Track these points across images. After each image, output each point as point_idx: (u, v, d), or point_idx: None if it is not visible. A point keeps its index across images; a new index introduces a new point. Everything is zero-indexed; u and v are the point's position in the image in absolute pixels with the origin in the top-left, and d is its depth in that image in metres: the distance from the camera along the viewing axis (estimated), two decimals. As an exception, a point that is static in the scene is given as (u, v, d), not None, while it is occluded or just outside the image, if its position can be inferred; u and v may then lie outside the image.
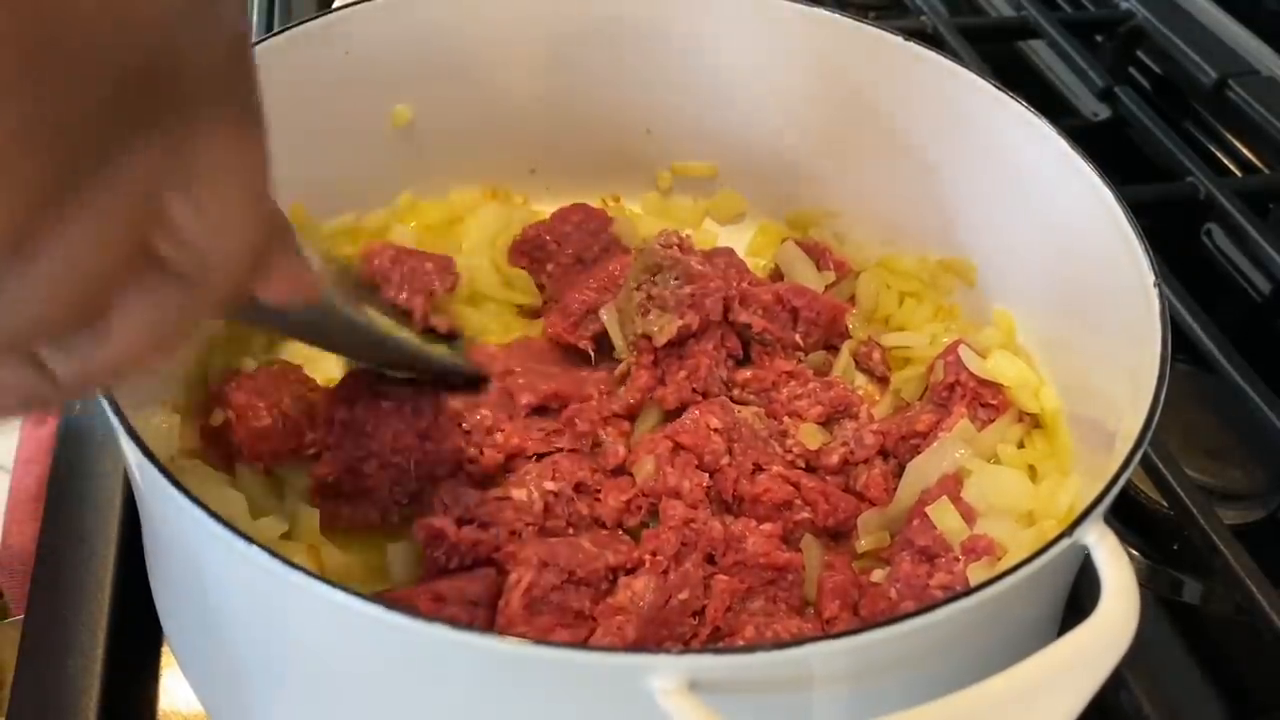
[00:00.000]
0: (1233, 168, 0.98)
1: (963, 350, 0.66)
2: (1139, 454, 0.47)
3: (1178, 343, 0.53)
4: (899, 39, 0.69)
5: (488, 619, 0.54)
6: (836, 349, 0.72)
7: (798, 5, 0.72)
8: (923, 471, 0.62)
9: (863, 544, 0.61)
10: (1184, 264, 0.78)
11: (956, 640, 0.44)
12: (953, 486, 0.60)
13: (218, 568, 0.46)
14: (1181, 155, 0.88)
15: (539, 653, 0.39)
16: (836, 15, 0.71)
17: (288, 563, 0.39)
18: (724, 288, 0.66)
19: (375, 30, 0.70)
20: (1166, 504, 0.65)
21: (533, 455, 0.61)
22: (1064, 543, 0.43)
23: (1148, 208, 0.78)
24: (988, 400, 0.65)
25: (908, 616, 0.40)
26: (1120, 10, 1.08)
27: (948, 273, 0.73)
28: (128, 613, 0.58)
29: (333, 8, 0.70)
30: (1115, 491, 0.45)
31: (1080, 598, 0.52)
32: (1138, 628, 0.40)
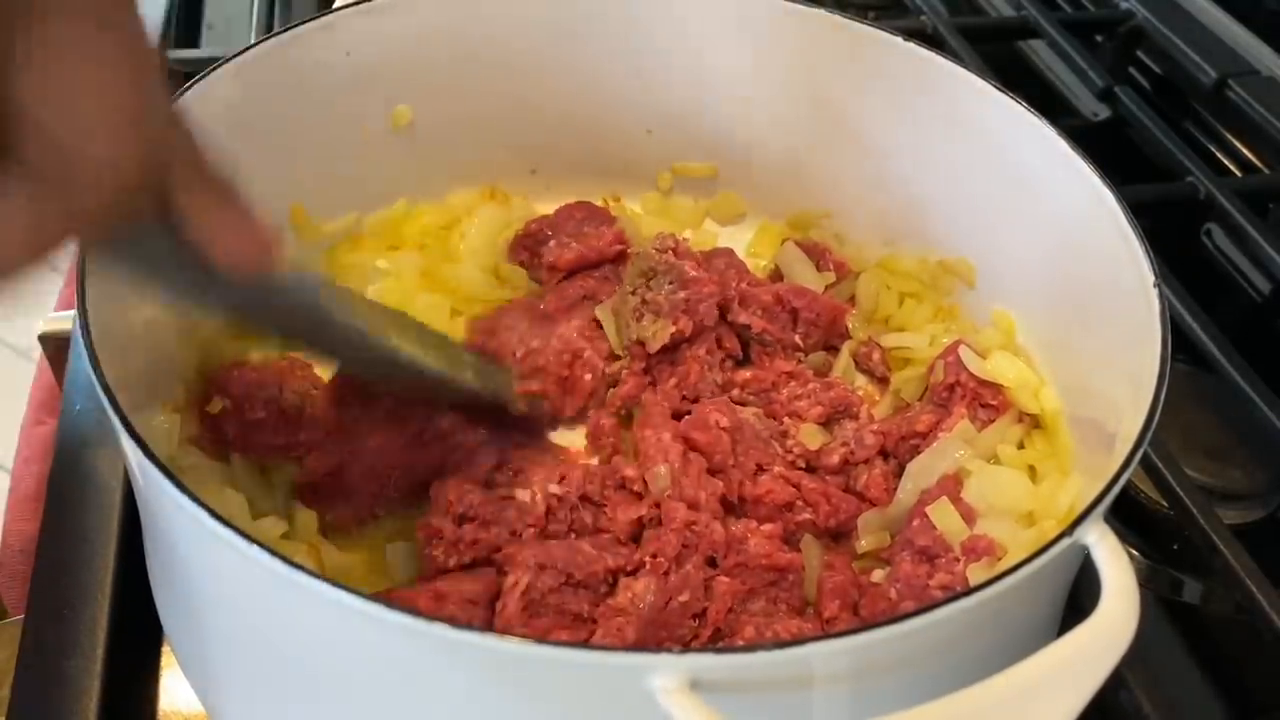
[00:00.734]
0: (1233, 168, 0.98)
1: (963, 351, 0.66)
2: (1139, 454, 0.47)
3: (1178, 343, 0.53)
4: (899, 39, 0.69)
5: (487, 619, 0.54)
6: (836, 349, 0.72)
7: (797, 6, 0.72)
8: (923, 472, 0.62)
9: (863, 544, 0.61)
10: (1184, 264, 0.78)
11: (956, 640, 0.44)
12: (953, 487, 0.61)
13: (218, 567, 0.46)
14: (1181, 155, 0.88)
15: (540, 652, 0.39)
16: (836, 16, 0.71)
17: (289, 562, 0.39)
18: (718, 292, 0.67)
19: (375, 30, 0.70)
20: (1166, 504, 0.65)
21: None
22: (1064, 542, 0.43)
23: (1148, 208, 0.78)
24: (988, 401, 0.65)
25: (908, 616, 0.40)
26: (1120, 10, 1.08)
27: (948, 273, 0.73)
28: (128, 613, 0.58)
29: (333, 8, 0.70)
30: (1115, 491, 0.45)
31: (1080, 598, 0.52)
32: (1138, 628, 0.40)
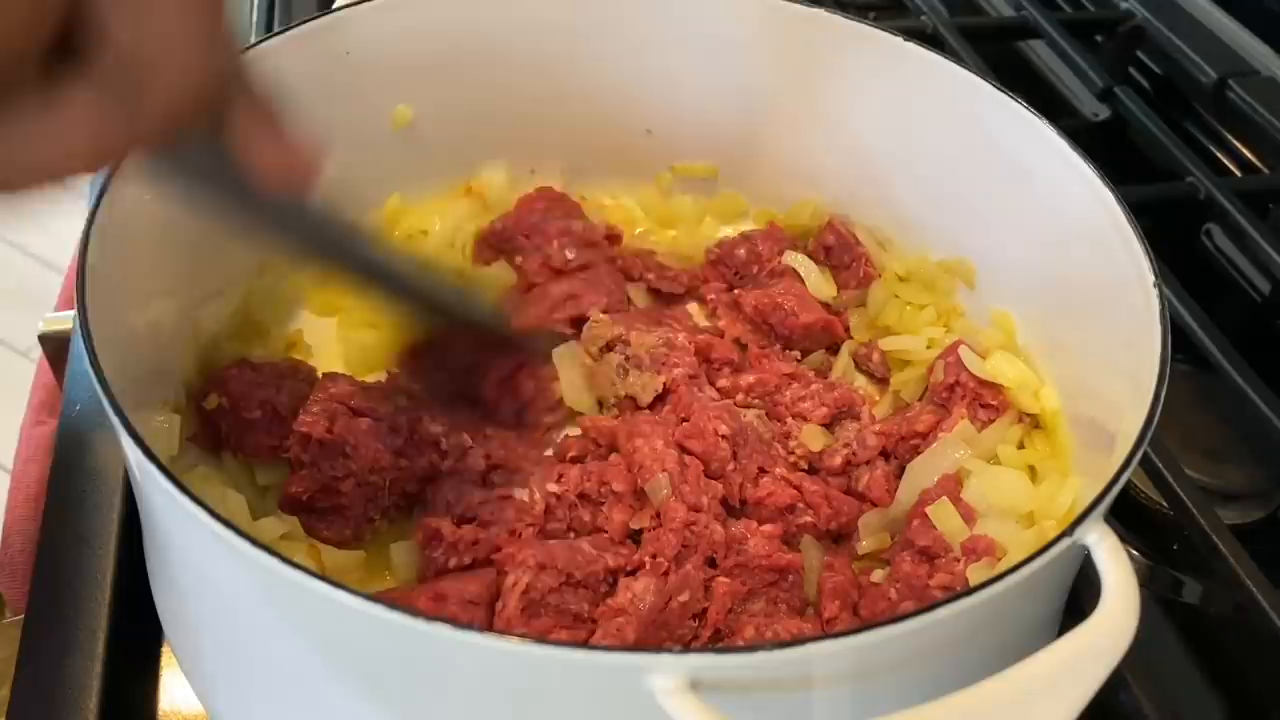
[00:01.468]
0: (1233, 168, 0.98)
1: (963, 351, 0.66)
2: (1139, 454, 0.47)
3: (1178, 343, 0.53)
4: (898, 39, 0.69)
5: (487, 619, 0.54)
6: (836, 350, 0.72)
7: (796, 6, 0.72)
8: (923, 472, 0.62)
9: (864, 545, 0.61)
10: (1184, 264, 0.78)
11: (957, 640, 0.43)
12: (953, 487, 0.61)
13: (218, 567, 0.46)
14: (1181, 155, 0.88)
15: (540, 652, 0.39)
16: (836, 16, 0.71)
17: (289, 562, 0.39)
18: (691, 337, 0.67)
19: (375, 30, 0.70)
20: (1166, 504, 0.65)
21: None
22: (1064, 542, 0.43)
23: (1148, 208, 0.78)
24: (988, 401, 0.65)
25: (908, 616, 0.40)
26: (1120, 10, 1.08)
27: (948, 273, 0.73)
28: (128, 613, 0.58)
29: (333, 8, 0.70)
30: (1115, 492, 0.45)
31: (1080, 598, 0.52)
32: (1138, 628, 0.40)
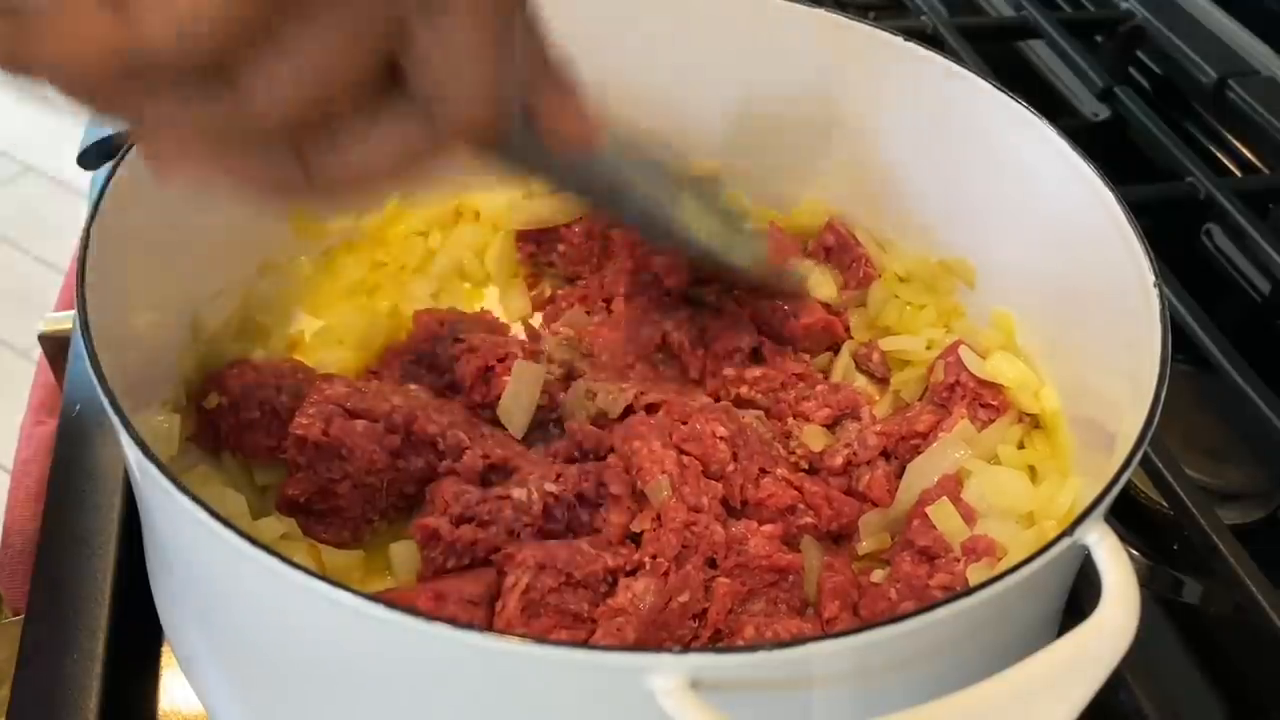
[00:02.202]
0: (1233, 168, 0.98)
1: (963, 351, 0.66)
2: (1139, 454, 0.47)
3: (1178, 343, 0.53)
4: (898, 39, 0.69)
5: (487, 619, 0.53)
6: (837, 350, 0.72)
7: (796, 5, 0.72)
8: (923, 472, 0.62)
9: (864, 545, 0.61)
10: (1184, 264, 0.78)
11: (957, 640, 0.44)
12: (953, 487, 0.61)
13: (218, 567, 0.46)
14: (1181, 155, 0.88)
15: (540, 652, 0.39)
16: (835, 15, 0.71)
17: (289, 562, 0.39)
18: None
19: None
20: (1166, 504, 0.65)
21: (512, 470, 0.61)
22: (1064, 542, 0.43)
23: (1148, 208, 0.78)
24: (988, 401, 0.65)
25: (908, 616, 0.40)
26: (1120, 10, 1.08)
27: (947, 273, 0.73)
28: (128, 613, 0.58)
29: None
30: (1115, 492, 0.45)
31: (1080, 598, 0.52)
32: (1138, 628, 0.40)
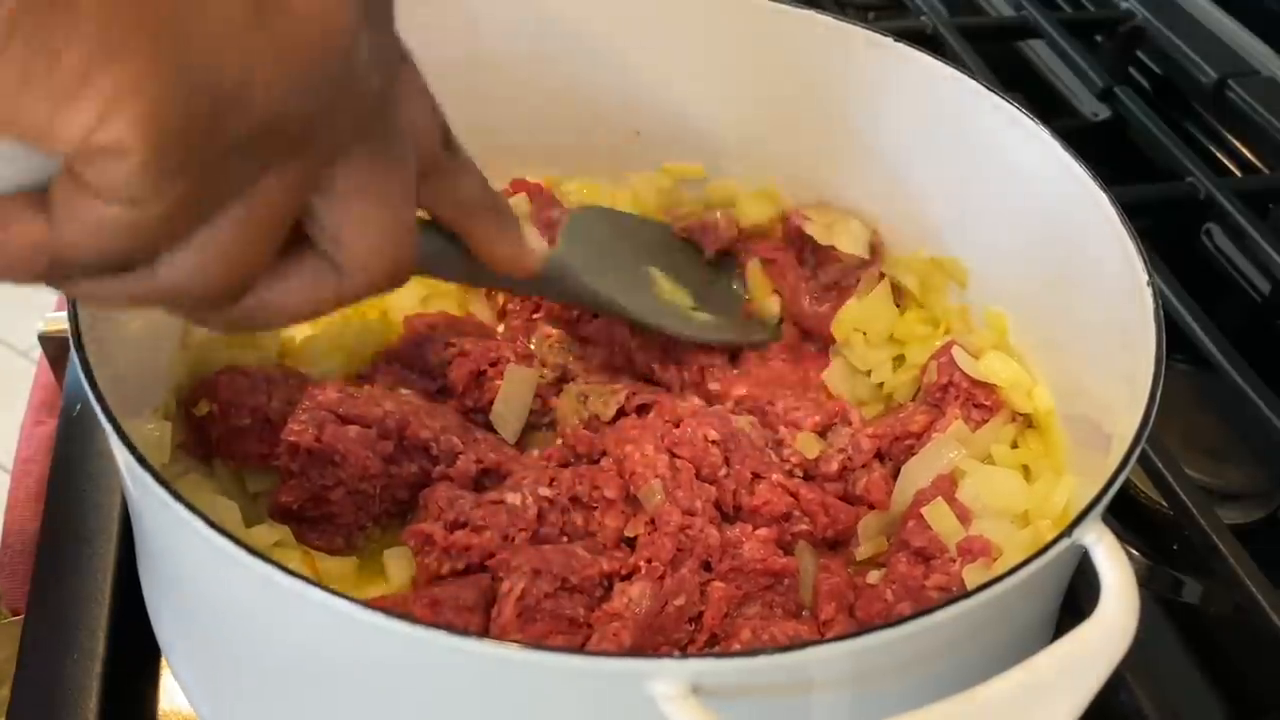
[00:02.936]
0: (1233, 168, 0.98)
1: (956, 351, 0.66)
2: (1135, 454, 0.47)
3: (1178, 343, 0.53)
4: (889, 39, 0.69)
5: (483, 624, 0.53)
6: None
7: (783, 6, 0.71)
8: (918, 473, 0.62)
9: (862, 551, 0.61)
10: (1184, 264, 0.78)
11: (956, 641, 0.44)
12: (947, 487, 0.60)
13: (212, 575, 0.46)
14: (1181, 155, 0.88)
15: (540, 658, 0.39)
16: (825, 17, 0.71)
17: (284, 570, 0.39)
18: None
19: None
20: (1166, 504, 0.65)
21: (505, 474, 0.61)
22: (1063, 543, 0.43)
23: (1148, 208, 0.78)
24: (981, 401, 0.65)
25: (908, 619, 0.40)
26: (1120, 10, 1.08)
27: (940, 272, 0.72)
28: (128, 612, 0.58)
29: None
30: (1113, 492, 0.45)
31: (1079, 598, 0.52)
32: (1137, 628, 0.40)
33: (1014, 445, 0.64)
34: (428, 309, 0.71)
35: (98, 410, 0.45)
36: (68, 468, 0.65)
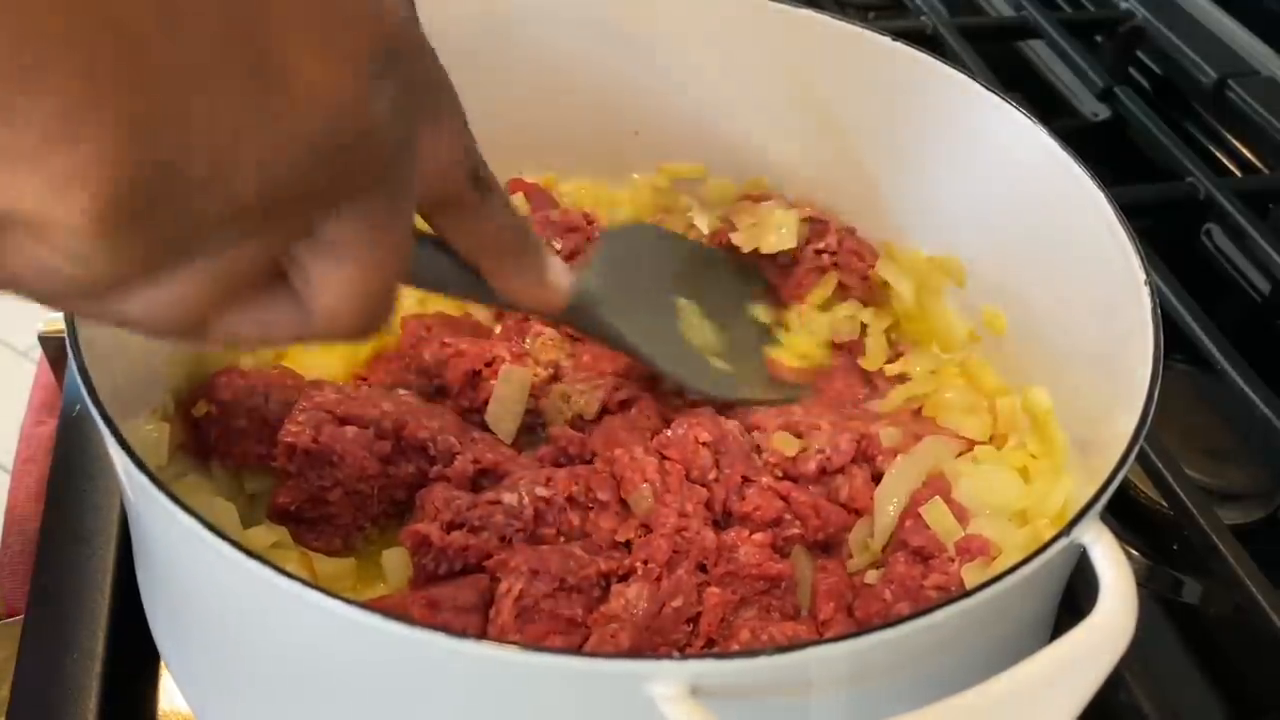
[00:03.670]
0: (1233, 168, 0.98)
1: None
2: (1133, 453, 0.47)
3: (1178, 342, 0.53)
4: (887, 39, 0.69)
5: (481, 625, 0.53)
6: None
7: (782, 6, 0.72)
8: (903, 477, 0.61)
9: (854, 563, 0.60)
10: (1184, 264, 0.78)
11: (955, 641, 0.43)
12: (944, 487, 0.60)
13: (209, 577, 0.45)
14: (1181, 155, 0.88)
15: (539, 660, 0.39)
16: (822, 16, 0.71)
17: (281, 571, 0.39)
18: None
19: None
20: (1166, 504, 0.65)
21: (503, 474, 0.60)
22: (1061, 542, 0.43)
23: (1148, 208, 0.78)
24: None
25: (907, 619, 0.40)
26: (1120, 10, 1.08)
27: (938, 272, 0.72)
28: (128, 612, 0.58)
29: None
30: (1111, 491, 0.45)
31: (1078, 598, 0.52)
32: (1137, 628, 0.40)
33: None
34: (425, 309, 0.70)
35: (94, 414, 0.45)
36: (67, 468, 0.65)
